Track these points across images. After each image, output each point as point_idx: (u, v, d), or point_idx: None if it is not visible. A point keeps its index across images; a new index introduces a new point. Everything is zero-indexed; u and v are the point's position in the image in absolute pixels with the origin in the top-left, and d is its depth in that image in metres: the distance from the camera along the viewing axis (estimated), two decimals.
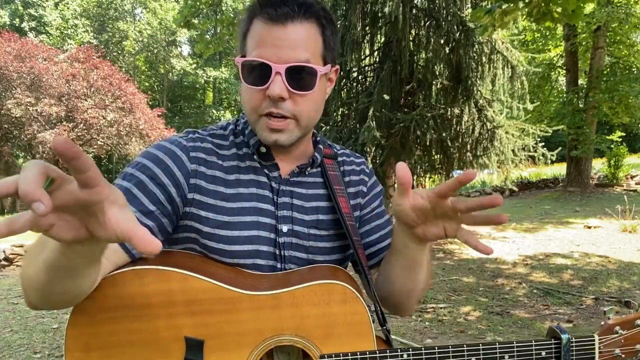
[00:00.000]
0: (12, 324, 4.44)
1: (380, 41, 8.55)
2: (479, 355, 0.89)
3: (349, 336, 0.89)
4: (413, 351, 0.88)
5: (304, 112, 0.91)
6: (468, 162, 8.33)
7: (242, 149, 0.98)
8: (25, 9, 30.76)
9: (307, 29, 0.88)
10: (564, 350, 0.91)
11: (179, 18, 9.23)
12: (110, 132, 17.88)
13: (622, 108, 13.59)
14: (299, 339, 0.87)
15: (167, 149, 0.91)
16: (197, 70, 34.83)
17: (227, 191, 0.93)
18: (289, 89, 0.87)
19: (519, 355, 0.90)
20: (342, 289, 0.89)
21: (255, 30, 0.89)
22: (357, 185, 1.09)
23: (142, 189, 0.86)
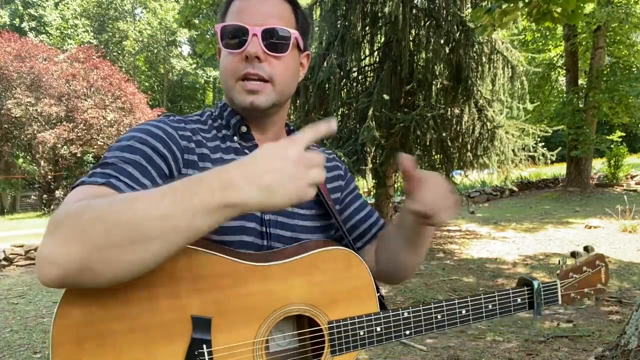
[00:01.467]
0: (12, 324, 4.44)
1: (380, 41, 8.55)
2: (468, 307, 1.00)
3: (354, 300, 0.92)
4: (412, 308, 0.95)
5: (279, 75, 0.94)
6: (468, 162, 8.34)
7: (221, 131, 1.00)
8: (25, 9, 30.77)
9: (282, 4, 0.96)
10: (535, 294, 1.06)
11: (179, 18, 9.24)
12: (110, 132, 17.88)
13: (622, 108, 13.59)
14: (307, 307, 0.88)
15: (158, 126, 0.91)
16: (197, 70, 34.86)
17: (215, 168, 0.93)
18: (264, 50, 0.92)
19: (500, 303, 1.03)
20: (347, 254, 0.92)
21: (233, 6, 0.96)
22: (334, 170, 1.13)
23: (149, 162, 0.83)
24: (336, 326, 0.90)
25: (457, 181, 9.16)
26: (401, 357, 3.44)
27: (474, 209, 12.65)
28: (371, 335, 0.92)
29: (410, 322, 0.95)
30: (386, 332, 0.94)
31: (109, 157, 0.82)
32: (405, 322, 0.95)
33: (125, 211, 0.63)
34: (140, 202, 0.64)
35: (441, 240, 8.26)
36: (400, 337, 0.95)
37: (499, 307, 1.03)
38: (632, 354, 2.61)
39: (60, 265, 0.63)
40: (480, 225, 9.77)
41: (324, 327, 0.89)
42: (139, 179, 0.80)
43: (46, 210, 17.52)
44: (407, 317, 0.95)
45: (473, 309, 1.00)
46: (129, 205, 0.64)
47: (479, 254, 6.98)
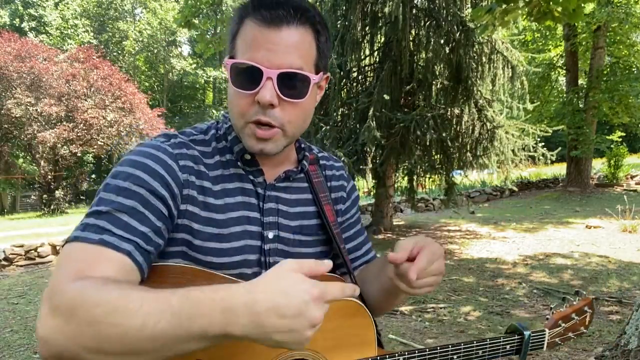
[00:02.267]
0: (12, 324, 4.44)
1: (380, 41, 8.55)
2: (460, 352, 1.01)
3: (355, 346, 0.95)
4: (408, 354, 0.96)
5: (292, 122, 0.87)
6: (468, 162, 8.34)
7: (225, 155, 0.94)
8: (25, 9, 30.77)
9: (302, 35, 0.85)
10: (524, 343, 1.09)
11: (179, 18, 9.23)
12: (110, 132, 17.87)
13: (622, 108, 13.60)
14: (309, 352, 0.89)
15: (156, 157, 0.84)
16: (197, 70, 34.86)
17: (216, 202, 0.90)
18: (279, 96, 0.83)
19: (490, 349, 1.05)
20: (354, 305, 0.93)
21: (246, 32, 0.84)
22: (338, 190, 1.09)
23: (146, 206, 0.80)
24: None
25: (457, 181, 9.15)
26: None
27: (474, 209, 12.65)
28: None
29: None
30: None
31: (104, 203, 0.78)
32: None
33: (120, 324, 0.62)
34: (136, 318, 0.62)
35: (441, 240, 8.26)
36: None
37: (489, 353, 1.05)
38: (632, 354, 2.61)
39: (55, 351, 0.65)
40: (480, 225, 9.77)
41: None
42: (137, 227, 0.77)
43: (46, 210, 17.51)
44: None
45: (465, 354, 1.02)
46: (124, 319, 0.63)
47: (479, 254, 6.98)
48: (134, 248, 0.76)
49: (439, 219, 11.13)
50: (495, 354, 1.06)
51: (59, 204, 17.74)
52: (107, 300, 0.64)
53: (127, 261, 0.74)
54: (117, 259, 0.73)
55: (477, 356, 1.03)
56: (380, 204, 9.22)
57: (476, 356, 1.03)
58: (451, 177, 8.80)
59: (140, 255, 0.77)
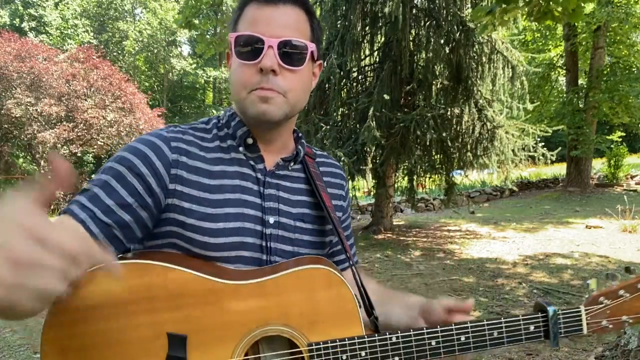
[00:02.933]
0: (12, 324, 4.44)
1: (380, 41, 8.55)
2: (468, 334, 0.91)
3: (336, 322, 0.87)
4: (402, 333, 0.88)
5: (293, 89, 0.93)
6: (468, 162, 8.35)
7: (226, 141, 0.98)
8: (25, 9, 30.77)
9: (297, 14, 0.93)
10: (551, 322, 0.93)
11: (180, 19, 9.23)
12: (110, 132, 17.87)
13: (622, 108, 13.59)
14: (285, 329, 0.85)
15: (147, 140, 0.91)
16: (197, 70, 34.84)
17: (211, 182, 0.92)
18: (280, 63, 0.90)
19: (507, 331, 0.93)
20: (326, 273, 0.88)
21: (247, 13, 0.93)
22: (338, 188, 1.12)
23: (120, 180, 0.86)
24: (316, 349, 0.85)
25: (457, 181, 9.15)
26: None
27: (474, 209, 12.65)
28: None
29: (400, 348, 0.88)
30: (372, 358, 0.87)
31: (91, 181, 0.87)
32: (393, 347, 0.88)
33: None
34: None
35: (441, 240, 8.26)
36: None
37: (507, 335, 0.93)
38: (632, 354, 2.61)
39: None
40: (480, 225, 9.77)
41: (304, 349, 0.85)
42: (102, 199, 0.84)
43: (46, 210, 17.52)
44: (395, 342, 0.88)
45: (474, 336, 0.91)
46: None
47: (479, 254, 6.98)
48: (89, 217, 0.82)
49: (439, 219, 11.13)
50: (516, 337, 0.93)
51: (59, 203, 17.73)
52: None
53: (79, 229, 0.80)
54: (71, 226, 0.80)
55: (492, 338, 0.92)
56: (380, 204, 9.22)
57: (491, 338, 0.92)
58: (451, 177, 8.81)
59: (95, 226, 0.82)
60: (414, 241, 8.26)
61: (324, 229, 1.05)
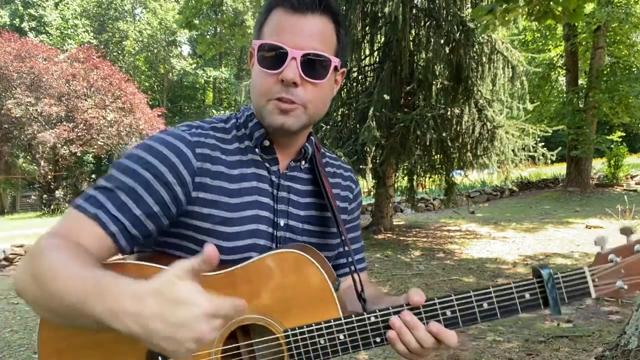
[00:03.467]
0: (12, 324, 4.44)
1: (380, 41, 8.55)
2: (454, 307, 0.84)
3: (311, 305, 0.85)
4: (380, 312, 0.84)
5: (313, 102, 0.92)
6: (468, 162, 8.34)
7: (244, 142, 0.98)
8: (25, 9, 30.77)
9: (325, 23, 0.91)
10: (547, 286, 0.83)
11: (180, 19, 9.23)
12: (110, 132, 17.89)
13: (622, 108, 13.59)
14: (260, 316, 0.84)
15: (171, 144, 0.88)
16: (197, 70, 34.84)
17: (231, 186, 0.93)
18: (302, 76, 0.88)
19: (499, 301, 0.84)
20: (294, 256, 0.86)
21: (274, 19, 0.91)
22: (345, 190, 1.12)
23: (147, 188, 0.85)
24: (292, 334, 0.84)
25: (457, 181, 9.15)
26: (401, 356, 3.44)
27: (474, 209, 12.65)
28: (334, 344, 0.83)
29: (380, 328, 0.84)
30: (351, 340, 0.83)
31: (112, 179, 0.86)
32: (373, 327, 0.84)
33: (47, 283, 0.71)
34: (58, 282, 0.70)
35: (441, 240, 8.26)
36: (369, 345, 0.84)
37: (499, 306, 0.84)
38: (632, 354, 2.61)
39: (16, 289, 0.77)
40: (480, 225, 9.77)
41: (280, 335, 0.84)
42: (131, 209, 0.84)
43: (46, 210, 17.52)
44: (374, 322, 0.83)
45: (461, 309, 0.83)
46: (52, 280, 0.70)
47: (479, 254, 6.98)
48: (120, 231, 0.83)
49: (439, 219, 11.12)
50: (511, 308, 0.84)
51: (59, 204, 17.74)
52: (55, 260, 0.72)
53: (108, 242, 0.82)
54: (100, 237, 0.81)
55: (482, 311, 0.84)
56: (380, 204, 9.22)
57: (481, 311, 0.84)
58: (451, 177, 8.80)
59: (125, 240, 0.84)
60: (414, 241, 8.26)
61: (330, 230, 1.05)
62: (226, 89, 36.76)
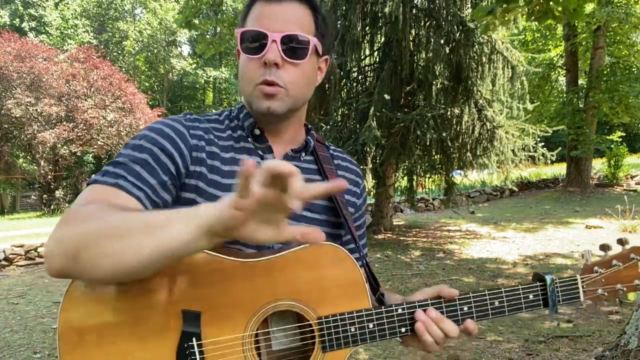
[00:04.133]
0: (12, 324, 4.44)
1: (380, 41, 8.55)
2: (470, 304, 0.96)
3: (344, 297, 0.90)
4: (407, 304, 0.93)
5: (295, 82, 0.95)
6: (468, 162, 8.34)
7: (236, 131, 1.03)
8: (25, 9, 30.77)
9: (303, 9, 0.97)
10: (549, 289, 0.98)
11: (180, 19, 9.24)
12: (110, 132, 17.88)
13: (622, 108, 13.59)
14: (295, 303, 0.88)
15: (169, 124, 0.95)
16: (197, 70, 34.83)
17: (223, 168, 0.97)
18: (283, 57, 0.93)
19: (508, 300, 0.98)
20: (333, 249, 0.91)
21: (255, 10, 0.97)
22: (352, 184, 1.14)
23: (156, 160, 0.90)
24: (325, 322, 0.89)
25: (457, 181, 9.15)
26: (401, 357, 3.44)
27: (474, 209, 12.65)
28: (363, 332, 0.91)
29: (406, 319, 0.93)
30: (379, 330, 0.91)
31: (122, 156, 0.90)
32: (399, 318, 0.93)
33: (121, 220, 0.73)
34: (134, 215, 0.74)
35: (441, 240, 8.26)
36: (395, 334, 0.93)
37: (508, 304, 0.98)
38: (632, 354, 2.61)
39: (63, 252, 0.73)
40: (480, 225, 9.77)
41: (314, 322, 0.88)
42: (146, 178, 0.87)
43: (46, 210, 17.51)
44: (401, 314, 0.93)
45: (477, 305, 0.96)
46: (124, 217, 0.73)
47: (479, 254, 6.98)
48: (145, 196, 0.86)
49: (439, 219, 11.13)
50: (517, 306, 0.98)
51: (59, 204, 17.74)
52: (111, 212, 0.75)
53: (135, 203, 0.84)
54: (127, 199, 0.83)
55: (493, 308, 0.97)
56: (380, 204, 9.22)
57: (492, 308, 0.97)
58: (451, 177, 8.80)
59: (150, 204, 0.86)
60: (414, 241, 8.26)
61: (335, 221, 1.06)
62: (226, 89, 36.75)
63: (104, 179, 0.85)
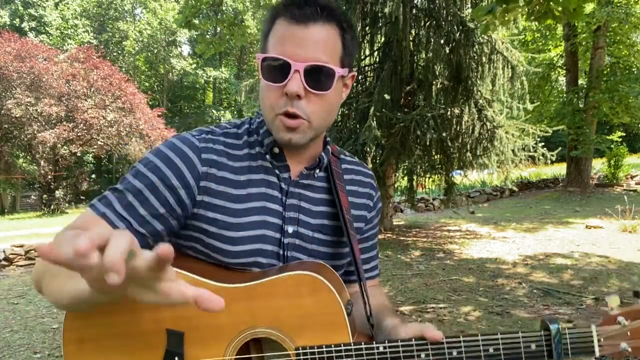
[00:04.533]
0: (12, 324, 4.44)
1: (380, 41, 8.55)
2: (460, 349, 0.86)
3: (323, 328, 0.88)
4: (389, 343, 0.86)
5: (317, 113, 0.92)
6: (468, 162, 8.34)
7: (255, 147, 0.99)
8: (25, 9, 30.77)
9: (328, 31, 0.90)
10: (554, 341, 0.85)
11: (180, 19, 9.23)
12: (110, 132, 17.87)
13: (622, 108, 13.58)
14: (273, 331, 0.87)
15: (179, 149, 0.92)
16: (197, 70, 34.84)
17: (236, 192, 0.94)
18: (306, 88, 0.88)
19: (505, 348, 0.86)
20: (311, 279, 0.88)
21: (277, 30, 0.91)
22: (364, 198, 1.11)
23: (153, 191, 0.89)
24: (302, 353, 0.86)
25: (457, 181, 9.15)
26: None
27: (474, 209, 12.65)
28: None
29: (387, 359, 0.86)
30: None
31: (123, 181, 0.92)
32: (380, 357, 0.85)
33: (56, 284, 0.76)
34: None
35: (441, 240, 8.26)
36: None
37: (504, 353, 0.85)
38: None
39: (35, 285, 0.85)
40: (480, 225, 9.77)
41: (292, 352, 0.87)
42: (136, 208, 0.88)
43: (46, 210, 17.51)
44: (382, 352, 0.86)
45: (467, 351, 0.86)
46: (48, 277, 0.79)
47: (479, 254, 6.98)
48: (126, 227, 0.87)
49: (439, 219, 11.12)
50: (515, 355, 0.86)
51: (59, 204, 17.74)
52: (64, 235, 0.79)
53: None
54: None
55: (487, 355, 0.86)
56: None
57: (486, 355, 0.86)
58: (451, 177, 8.80)
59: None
60: (414, 241, 8.26)
61: (342, 240, 1.05)
62: (226, 89, 36.74)
63: (98, 205, 0.89)
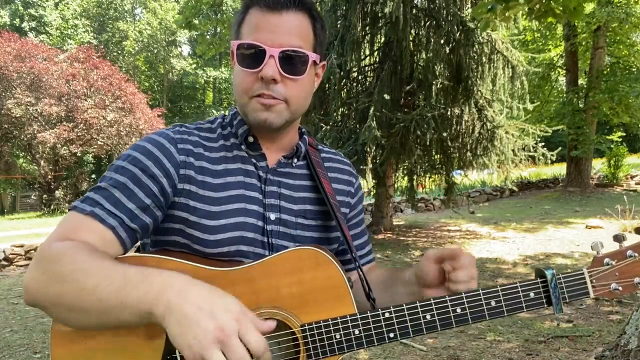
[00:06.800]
0: (12, 324, 4.44)
1: (380, 41, 8.55)
2: (464, 305, 0.87)
3: (327, 301, 0.87)
4: (394, 308, 0.86)
5: (294, 97, 0.94)
6: (468, 162, 8.34)
7: (229, 139, 1.00)
8: (25, 9, 30.77)
9: (300, 19, 0.93)
10: (551, 285, 0.88)
11: (180, 19, 9.24)
12: (110, 132, 17.88)
13: (622, 108, 13.59)
14: (277, 311, 0.86)
15: (155, 141, 0.93)
16: (197, 70, 34.85)
17: (215, 181, 0.95)
18: (281, 73, 0.90)
19: (506, 299, 0.88)
20: (313, 253, 0.88)
21: (251, 18, 0.93)
22: (344, 184, 1.12)
23: (137, 183, 0.88)
24: (309, 329, 0.85)
25: (457, 181, 9.15)
26: (401, 357, 3.44)
27: (474, 209, 12.64)
28: (349, 338, 0.85)
29: (394, 324, 0.86)
30: (366, 335, 0.86)
31: (104, 179, 0.90)
32: (387, 323, 0.86)
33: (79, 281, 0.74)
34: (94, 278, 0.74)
35: (441, 240, 8.26)
36: (383, 340, 0.86)
37: (506, 304, 0.88)
38: (632, 354, 2.61)
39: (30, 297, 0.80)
40: (480, 225, 9.77)
41: (297, 330, 0.85)
42: (125, 203, 0.87)
43: (46, 210, 17.51)
44: (388, 318, 0.86)
45: (471, 306, 0.87)
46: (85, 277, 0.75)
47: (479, 254, 6.98)
48: (119, 224, 0.85)
49: (439, 219, 11.12)
50: (516, 305, 0.89)
51: (59, 204, 17.74)
52: (77, 260, 0.76)
53: (109, 234, 0.84)
54: (100, 231, 0.84)
55: (490, 308, 0.88)
56: (380, 204, 9.22)
57: (489, 308, 0.88)
58: (451, 177, 8.80)
59: (124, 232, 0.86)
60: (414, 241, 8.26)
61: (329, 224, 1.05)
62: (226, 89, 36.75)
63: (82, 205, 0.86)
